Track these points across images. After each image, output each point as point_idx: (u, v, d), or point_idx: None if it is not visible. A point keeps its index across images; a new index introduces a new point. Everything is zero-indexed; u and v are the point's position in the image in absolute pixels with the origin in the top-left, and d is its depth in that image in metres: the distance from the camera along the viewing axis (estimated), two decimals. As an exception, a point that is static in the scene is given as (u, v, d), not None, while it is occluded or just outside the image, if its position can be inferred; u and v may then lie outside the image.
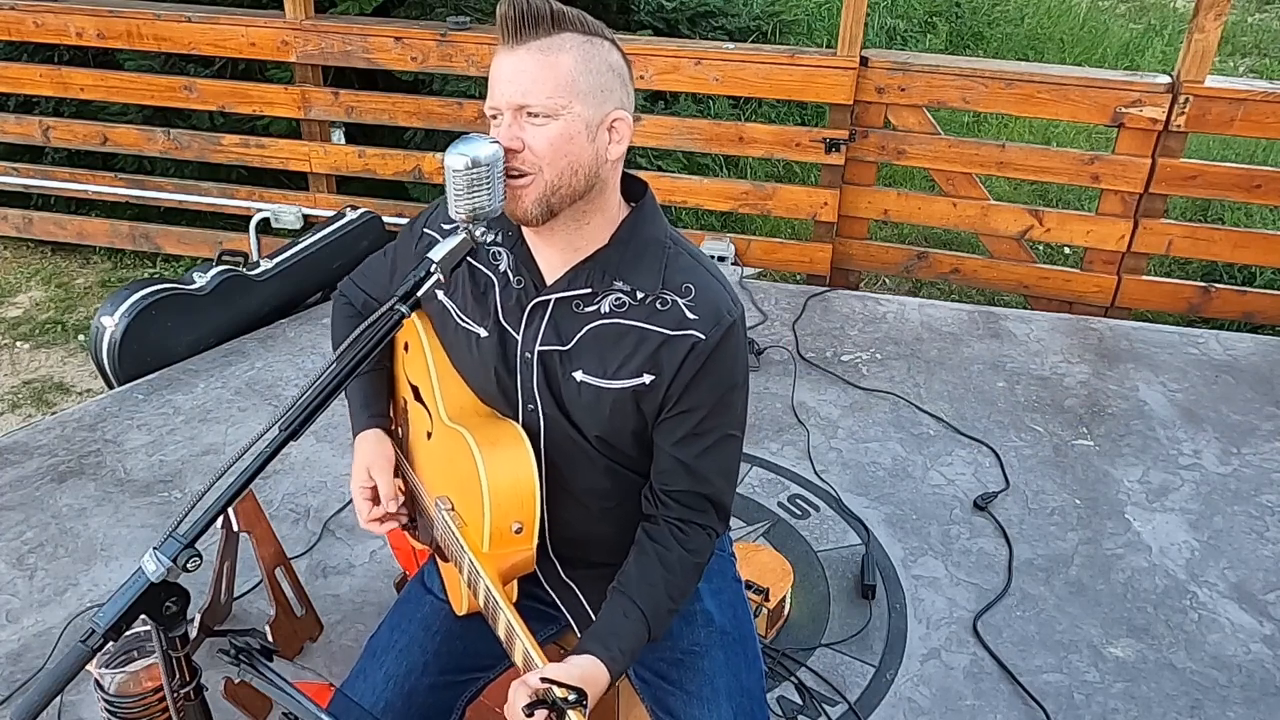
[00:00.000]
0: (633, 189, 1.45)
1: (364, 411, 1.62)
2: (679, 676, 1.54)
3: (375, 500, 1.55)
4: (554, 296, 1.42)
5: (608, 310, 1.40)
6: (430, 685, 1.53)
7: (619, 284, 1.39)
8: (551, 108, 1.29)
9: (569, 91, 1.29)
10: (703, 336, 1.37)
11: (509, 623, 1.30)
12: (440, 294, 1.51)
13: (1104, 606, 2.51)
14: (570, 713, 1.18)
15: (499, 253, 1.47)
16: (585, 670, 1.30)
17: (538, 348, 1.43)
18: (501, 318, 1.46)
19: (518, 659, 1.31)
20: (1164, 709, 2.24)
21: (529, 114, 1.30)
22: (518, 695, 1.23)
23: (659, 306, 1.39)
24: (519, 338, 1.44)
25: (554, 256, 1.42)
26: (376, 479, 1.54)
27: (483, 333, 1.47)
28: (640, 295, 1.39)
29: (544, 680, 1.21)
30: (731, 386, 1.43)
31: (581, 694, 1.20)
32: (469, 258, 1.42)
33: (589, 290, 1.40)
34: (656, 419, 1.43)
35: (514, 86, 1.30)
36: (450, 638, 1.57)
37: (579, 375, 1.41)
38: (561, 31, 1.30)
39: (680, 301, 1.39)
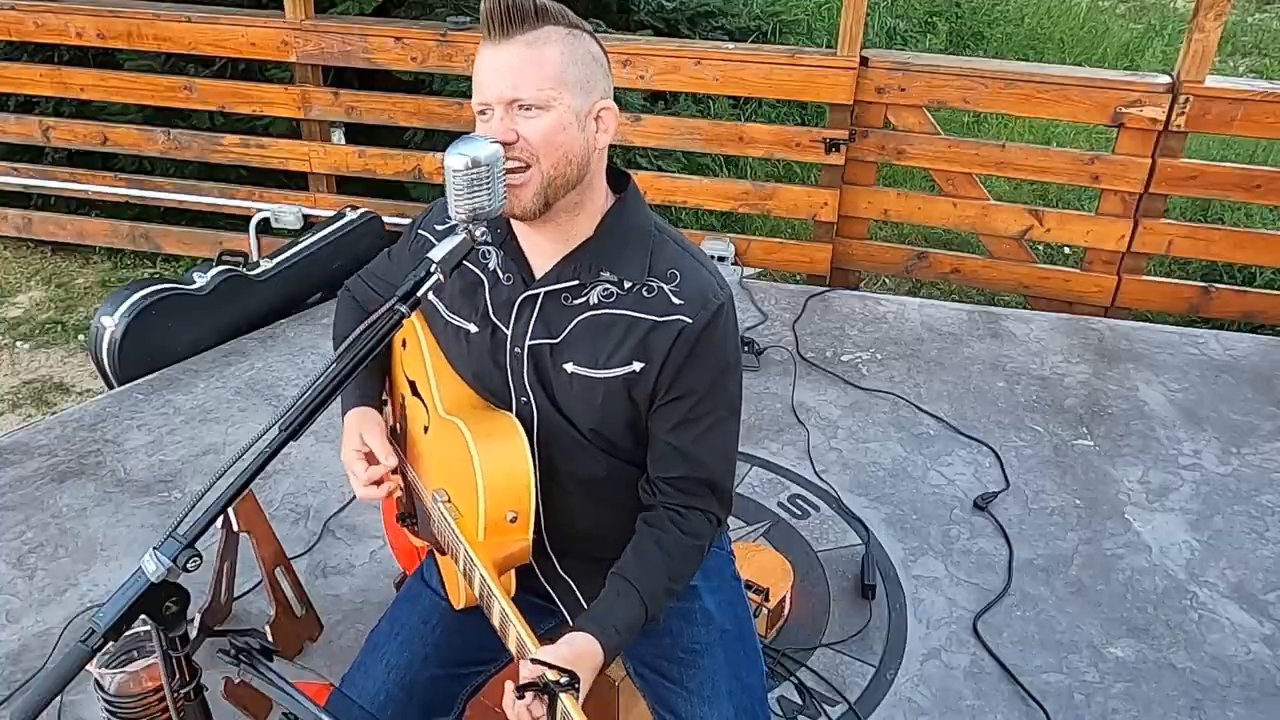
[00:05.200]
0: (616, 181, 1.47)
1: (354, 393, 1.60)
2: (680, 675, 1.54)
3: (370, 462, 1.52)
4: (543, 290, 1.43)
5: (596, 301, 1.41)
6: (431, 677, 1.54)
7: (606, 274, 1.41)
8: (542, 99, 1.32)
9: (558, 83, 1.32)
10: (690, 320, 1.38)
11: (503, 610, 1.30)
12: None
13: (1104, 606, 2.51)
14: (562, 695, 1.18)
15: (488, 251, 1.49)
16: (578, 649, 1.29)
17: (528, 342, 1.44)
18: (491, 313, 1.47)
19: (512, 646, 1.30)
20: (1164, 709, 2.24)
21: (520, 107, 1.32)
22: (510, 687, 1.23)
23: (645, 294, 1.40)
24: (509, 332, 1.46)
25: (543, 251, 1.44)
26: (370, 443, 1.52)
27: (472, 328, 1.49)
28: (628, 284, 1.40)
29: (535, 662, 1.21)
30: (723, 369, 1.44)
31: (573, 676, 1.20)
32: None
33: (577, 282, 1.41)
34: (650, 407, 1.43)
35: (504, 81, 1.32)
36: (450, 630, 1.58)
37: (570, 367, 1.42)
38: (545, 25, 1.34)
39: (666, 288, 1.40)
